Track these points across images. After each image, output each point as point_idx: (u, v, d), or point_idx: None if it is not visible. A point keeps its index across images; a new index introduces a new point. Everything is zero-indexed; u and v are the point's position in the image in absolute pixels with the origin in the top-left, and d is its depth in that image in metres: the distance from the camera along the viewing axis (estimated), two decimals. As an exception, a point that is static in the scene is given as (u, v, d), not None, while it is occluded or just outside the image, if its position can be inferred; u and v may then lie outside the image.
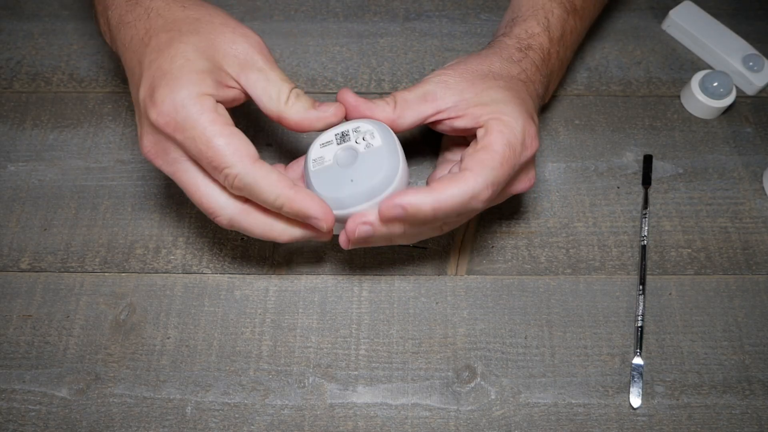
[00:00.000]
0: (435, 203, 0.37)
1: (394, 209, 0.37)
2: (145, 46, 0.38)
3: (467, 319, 0.46)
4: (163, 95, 0.36)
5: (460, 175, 0.38)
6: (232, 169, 0.36)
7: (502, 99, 0.40)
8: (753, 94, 0.57)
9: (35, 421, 0.42)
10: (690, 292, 0.48)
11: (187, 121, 0.36)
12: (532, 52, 0.45)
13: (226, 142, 0.36)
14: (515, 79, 0.43)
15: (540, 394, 0.44)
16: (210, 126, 0.36)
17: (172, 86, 0.36)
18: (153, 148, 0.38)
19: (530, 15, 0.47)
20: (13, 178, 0.51)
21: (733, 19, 0.60)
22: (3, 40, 0.57)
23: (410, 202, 0.37)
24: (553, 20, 0.47)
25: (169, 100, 0.36)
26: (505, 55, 0.44)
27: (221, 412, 0.43)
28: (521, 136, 0.39)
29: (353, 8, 0.60)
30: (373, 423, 0.43)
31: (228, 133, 0.36)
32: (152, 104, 0.36)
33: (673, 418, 0.43)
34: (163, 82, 0.36)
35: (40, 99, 0.54)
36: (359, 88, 0.56)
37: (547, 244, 0.49)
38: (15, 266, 0.47)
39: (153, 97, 0.36)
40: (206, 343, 0.45)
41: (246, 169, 0.36)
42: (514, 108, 0.40)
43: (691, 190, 0.52)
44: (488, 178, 0.38)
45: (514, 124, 0.39)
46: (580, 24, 0.50)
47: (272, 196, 0.37)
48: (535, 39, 0.46)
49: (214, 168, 0.36)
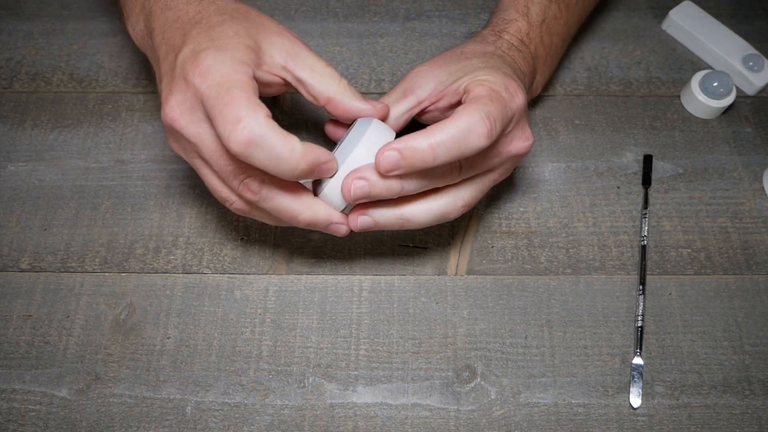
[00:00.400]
0: (432, 142, 0.35)
1: (389, 156, 0.35)
2: (195, 23, 0.39)
3: (467, 319, 0.46)
4: (206, 56, 0.36)
5: (453, 114, 0.37)
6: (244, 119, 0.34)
7: (477, 68, 0.41)
8: (753, 94, 0.57)
9: (35, 421, 0.42)
10: (690, 292, 0.48)
11: (220, 76, 0.35)
12: (506, 35, 0.47)
13: (248, 97, 0.35)
14: (490, 54, 0.44)
15: (540, 394, 0.44)
16: (239, 82, 0.35)
17: (218, 52, 0.36)
18: (179, 107, 0.37)
19: (510, 6, 0.49)
20: (13, 178, 0.51)
21: (733, 19, 0.60)
22: (3, 40, 0.57)
23: (406, 145, 0.35)
24: (534, 7, 0.48)
25: (211, 59, 0.36)
26: (479, 39, 0.46)
27: (221, 412, 0.43)
28: (503, 85, 0.39)
29: (353, 8, 0.60)
30: (373, 423, 0.43)
31: (252, 92, 0.35)
32: (194, 60, 0.36)
33: (673, 418, 0.43)
34: (211, 47, 0.36)
35: (40, 99, 0.54)
36: (359, 88, 0.56)
37: (547, 244, 0.49)
38: (15, 266, 0.47)
39: (197, 57, 0.36)
40: (206, 343, 0.45)
41: (260, 120, 0.34)
42: (491, 70, 0.40)
43: (691, 190, 0.52)
44: (482, 111, 0.36)
45: (493, 80, 0.39)
46: (566, 12, 0.50)
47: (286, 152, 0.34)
48: (512, 24, 0.47)
49: (224, 117, 0.34)
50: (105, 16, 0.59)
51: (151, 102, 0.54)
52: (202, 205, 0.50)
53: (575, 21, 0.53)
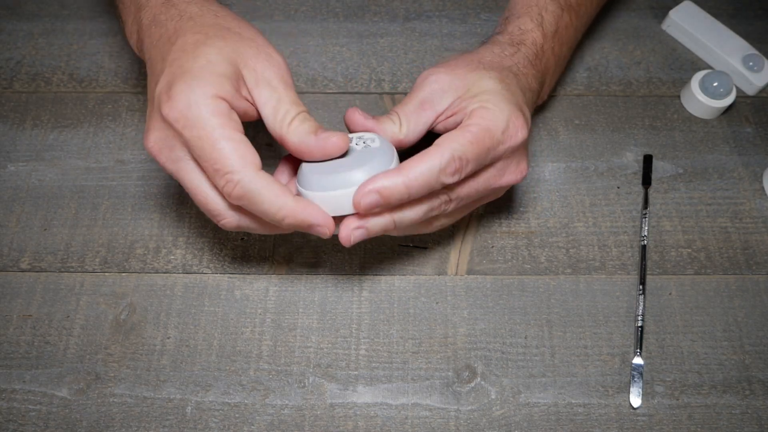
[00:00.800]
0: (405, 180, 0.37)
1: (368, 195, 0.37)
2: (171, 44, 0.38)
3: (467, 319, 0.46)
4: (178, 91, 0.36)
5: (427, 150, 0.38)
6: (235, 175, 0.35)
7: (491, 89, 0.41)
8: (753, 94, 0.57)
9: (35, 421, 0.42)
10: (690, 292, 0.48)
11: (198, 120, 0.35)
12: (524, 47, 0.45)
13: (233, 147, 0.35)
14: (507, 70, 0.43)
15: (540, 394, 0.44)
16: (219, 128, 0.35)
17: (190, 84, 0.36)
18: (158, 144, 0.37)
19: (524, 12, 0.47)
20: (13, 178, 0.51)
21: (733, 19, 0.60)
22: (3, 40, 0.57)
23: (382, 185, 0.37)
24: (547, 16, 0.47)
25: (184, 97, 0.35)
26: (497, 50, 0.45)
27: (221, 412, 0.43)
28: (504, 124, 0.39)
29: (353, 8, 0.60)
30: (373, 423, 0.43)
31: (236, 138, 0.36)
32: (167, 98, 0.36)
33: (673, 418, 0.43)
34: (182, 79, 0.36)
35: (40, 99, 0.54)
36: (359, 88, 0.56)
37: (547, 244, 0.49)
38: (15, 266, 0.47)
39: (169, 92, 0.36)
40: (206, 343, 0.45)
41: (249, 176, 0.36)
42: (503, 98, 0.40)
43: (691, 190, 0.52)
44: (455, 151, 0.37)
45: (498, 114, 0.39)
46: (576, 20, 0.50)
47: (274, 207, 0.36)
48: (528, 35, 0.46)
49: (216, 171, 0.36)
50: (105, 16, 0.59)
51: (151, 102, 0.55)
52: (202, 205, 0.50)
53: (582, 28, 0.52)
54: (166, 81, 0.37)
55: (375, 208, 0.37)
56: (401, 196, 0.37)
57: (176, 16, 0.40)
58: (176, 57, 0.37)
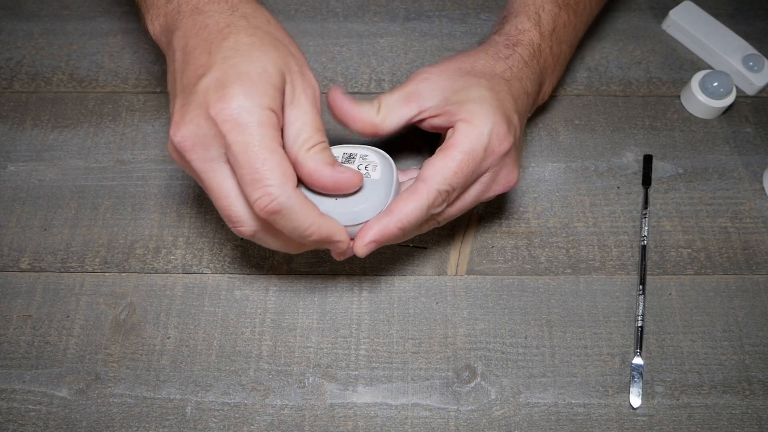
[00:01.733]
0: (398, 223, 0.38)
1: (368, 247, 0.39)
2: (223, 38, 0.37)
3: (467, 319, 0.46)
4: (236, 92, 0.35)
5: (414, 187, 0.39)
6: (274, 189, 0.35)
7: (479, 98, 0.41)
8: (753, 94, 0.57)
9: (35, 421, 0.42)
10: (690, 292, 0.48)
11: (249, 127, 0.35)
12: (520, 48, 0.45)
13: (278, 161, 0.35)
14: (498, 77, 0.43)
15: (540, 394, 0.44)
16: (268, 141, 0.35)
17: (249, 89, 0.35)
18: (191, 140, 0.36)
19: (521, 11, 0.47)
20: (13, 178, 0.51)
21: (733, 19, 0.60)
22: (3, 40, 0.57)
23: (378, 234, 0.38)
24: (545, 15, 0.47)
25: (240, 101, 0.35)
26: (492, 51, 0.45)
27: (221, 412, 0.43)
28: (486, 140, 0.39)
29: (353, 8, 0.60)
30: (373, 423, 0.43)
31: (280, 153, 0.36)
32: (221, 97, 0.35)
33: (673, 418, 0.43)
34: (240, 81, 0.35)
35: (40, 99, 0.54)
36: (359, 88, 0.56)
37: (547, 244, 0.49)
38: (15, 266, 0.47)
39: (224, 91, 0.35)
40: (206, 343, 0.45)
41: (288, 193, 0.35)
42: (489, 109, 0.40)
43: (691, 190, 0.52)
44: (441, 186, 0.39)
45: (482, 128, 0.39)
46: (575, 18, 0.50)
47: (306, 224, 0.36)
48: (525, 35, 0.46)
49: (255, 182, 0.35)
50: (105, 16, 0.59)
51: (150, 102, 0.54)
52: (202, 205, 0.50)
53: (583, 26, 0.52)
54: (216, 77, 0.36)
55: (374, 249, 0.40)
56: (396, 237, 0.39)
57: (227, 9, 0.39)
58: (229, 55, 0.36)
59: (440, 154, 0.39)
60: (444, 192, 0.39)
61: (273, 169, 0.35)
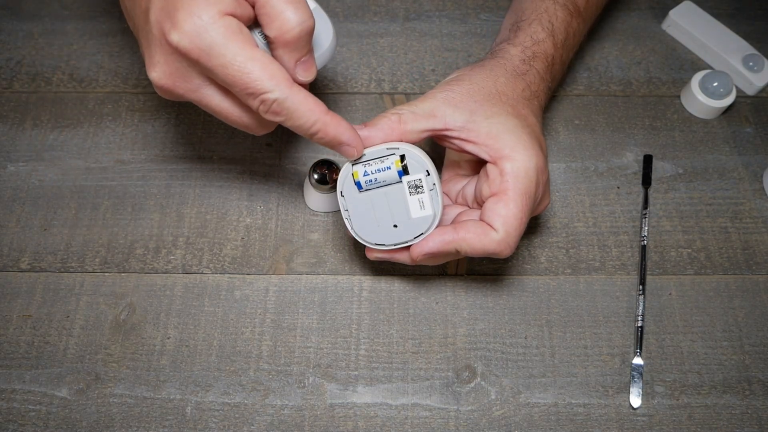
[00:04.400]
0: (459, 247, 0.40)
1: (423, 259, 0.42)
2: None
3: (467, 319, 0.46)
4: (183, 17, 0.34)
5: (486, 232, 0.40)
6: (271, 94, 0.35)
7: (512, 128, 0.40)
8: (753, 94, 0.57)
9: (35, 421, 0.42)
10: (690, 292, 0.48)
11: (214, 48, 0.34)
12: (536, 62, 0.45)
13: (260, 67, 0.35)
14: (520, 97, 0.43)
15: (540, 394, 0.44)
16: (240, 52, 0.34)
17: (192, 7, 0.34)
18: (171, 76, 0.36)
19: (534, 19, 0.46)
20: (13, 178, 0.51)
21: (733, 19, 0.60)
22: (3, 40, 0.57)
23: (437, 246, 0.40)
24: (558, 24, 0.46)
25: (191, 23, 0.34)
26: (510, 67, 0.44)
27: (221, 412, 0.43)
28: (534, 175, 0.40)
29: (353, 8, 0.60)
30: (373, 423, 0.43)
31: (259, 56, 0.35)
32: (173, 26, 0.34)
33: (673, 418, 0.43)
34: (180, 3, 0.34)
35: (40, 99, 0.54)
36: (359, 88, 0.56)
37: (547, 244, 0.49)
38: (15, 266, 0.47)
39: (173, 19, 0.34)
40: (206, 343, 0.45)
41: (285, 93, 0.35)
42: (527, 141, 0.40)
43: (691, 190, 0.52)
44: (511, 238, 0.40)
45: (527, 163, 0.39)
46: (583, 25, 0.50)
47: (309, 122, 0.37)
48: (540, 46, 0.45)
49: (249, 95, 0.35)
50: (105, 16, 0.59)
51: (150, 102, 0.54)
52: (202, 205, 0.50)
53: (587, 31, 0.52)
54: (160, 7, 0.35)
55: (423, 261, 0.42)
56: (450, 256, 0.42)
57: None
58: None
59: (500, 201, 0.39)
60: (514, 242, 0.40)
61: (259, 77, 0.35)
